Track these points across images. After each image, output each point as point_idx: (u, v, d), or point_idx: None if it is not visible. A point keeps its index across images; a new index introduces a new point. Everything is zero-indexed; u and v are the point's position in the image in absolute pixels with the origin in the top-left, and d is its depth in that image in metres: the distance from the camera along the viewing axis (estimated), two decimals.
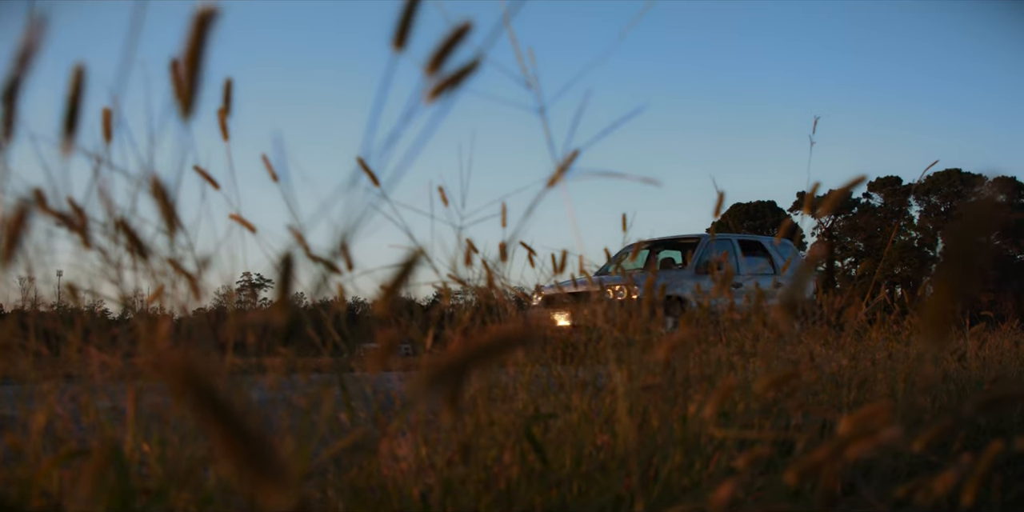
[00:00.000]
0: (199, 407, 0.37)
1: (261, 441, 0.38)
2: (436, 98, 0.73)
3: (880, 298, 3.99)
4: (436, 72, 0.73)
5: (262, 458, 0.38)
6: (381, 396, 1.58)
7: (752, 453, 1.07)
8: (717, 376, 1.79)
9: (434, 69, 0.73)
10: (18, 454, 1.22)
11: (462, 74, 0.73)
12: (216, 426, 0.37)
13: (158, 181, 0.85)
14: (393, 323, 0.97)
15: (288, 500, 0.38)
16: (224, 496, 1.17)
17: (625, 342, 1.83)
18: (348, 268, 1.34)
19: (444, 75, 0.73)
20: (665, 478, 1.51)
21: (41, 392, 1.23)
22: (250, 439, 0.37)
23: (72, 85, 0.78)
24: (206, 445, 1.20)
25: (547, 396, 1.99)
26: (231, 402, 0.37)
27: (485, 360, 0.44)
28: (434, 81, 0.73)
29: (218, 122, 1.38)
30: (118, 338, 1.33)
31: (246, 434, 0.37)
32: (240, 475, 0.38)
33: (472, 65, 0.73)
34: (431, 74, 0.73)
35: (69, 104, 0.78)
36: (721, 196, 1.94)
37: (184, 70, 0.69)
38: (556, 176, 1.09)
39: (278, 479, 0.38)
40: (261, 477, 0.38)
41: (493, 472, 1.46)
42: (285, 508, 0.38)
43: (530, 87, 1.11)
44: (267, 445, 0.38)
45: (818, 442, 1.40)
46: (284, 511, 0.38)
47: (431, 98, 0.73)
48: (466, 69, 0.74)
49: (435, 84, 0.73)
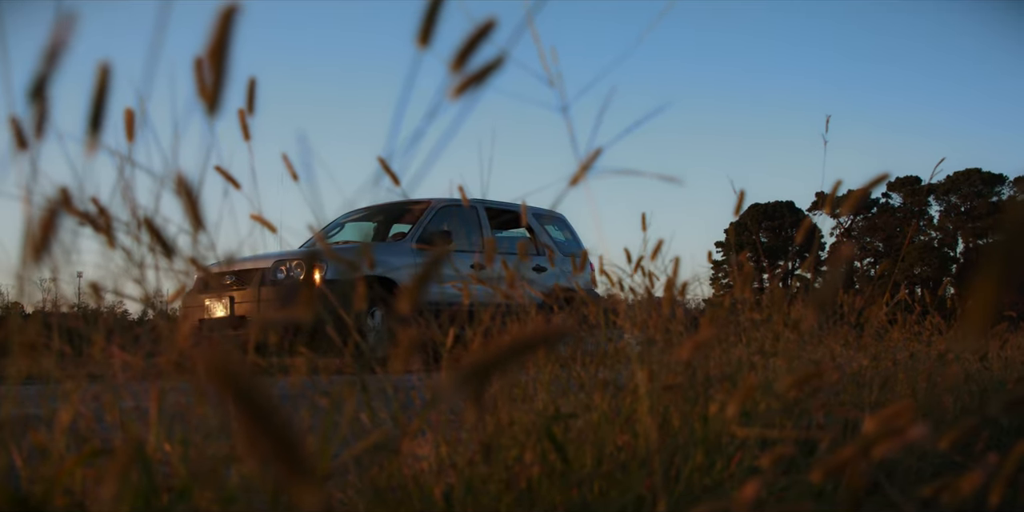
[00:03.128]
0: (233, 403, 0.37)
1: (293, 438, 0.38)
2: (461, 95, 0.73)
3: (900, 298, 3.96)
4: (461, 69, 0.73)
5: (293, 455, 0.37)
6: (402, 396, 1.58)
7: (776, 452, 1.07)
8: (738, 376, 1.77)
9: (459, 66, 0.72)
10: (42, 452, 1.23)
11: (487, 71, 0.73)
12: (250, 422, 0.37)
13: (183, 180, 0.85)
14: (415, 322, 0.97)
15: (316, 497, 0.38)
16: (247, 495, 1.17)
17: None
18: (370, 267, 1.34)
19: (469, 72, 0.73)
20: (687, 478, 1.51)
21: (64, 391, 1.24)
22: (282, 436, 0.37)
23: (97, 83, 0.78)
24: (229, 444, 1.20)
25: (566, 396, 1.98)
26: (265, 398, 0.37)
27: (515, 358, 0.44)
28: (459, 78, 0.72)
29: (239, 122, 1.38)
30: (140, 338, 1.34)
31: (279, 431, 0.37)
32: (271, 472, 0.38)
33: (497, 62, 0.73)
34: (456, 71, 0.73)
35: (94, 102, 0.78)
36: (742, 194, 1.93)
37: (209, 67, 0.69)
38: (579, 174, 1.09)
39: (308, 476, 0.38)
40: (291, 474, 0.38)
41: (514, 472, 1.46)
42: (313, 505, 0.38)
43: (553, 85, 1.10)
44: (298, 442, 0.38)
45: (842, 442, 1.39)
46: (312, 508, 0.38)
47: (456, 95, 0.72)
48: (491, 66, 0.73)
49: (460, 81, 0.72)
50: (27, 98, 0.72)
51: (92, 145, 0.78)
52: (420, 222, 10.16)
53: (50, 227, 0.69)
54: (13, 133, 0.99)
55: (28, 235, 0.68)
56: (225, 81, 0.70)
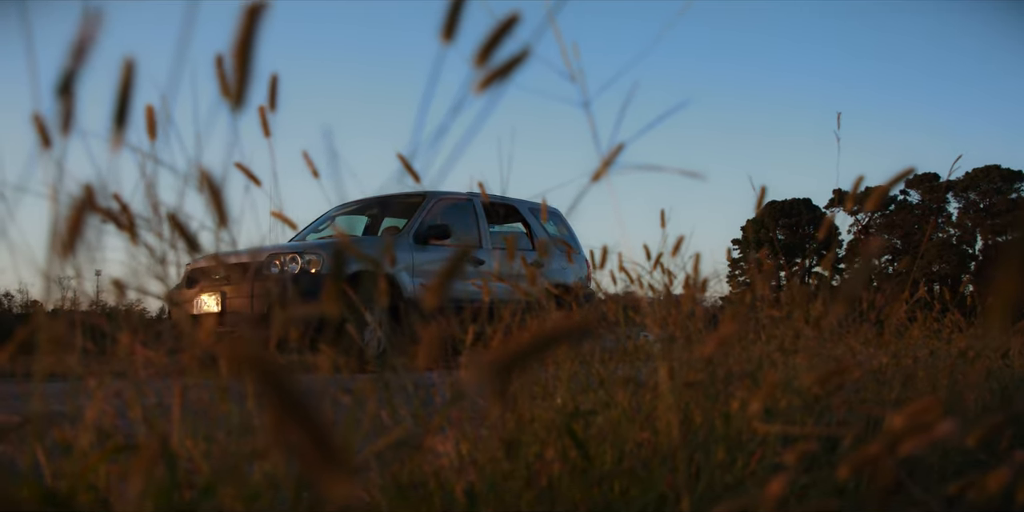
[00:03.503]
0: (267, 396, 0.37)
1: (325, 431, 0.38)
2: (485, 89, 0.72)
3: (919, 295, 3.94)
4: (485, 63, 0.72)
5: (325, 447, 0.37)
6: (423, 393, 1.58)
7: (800, 449, 1.06)
8: (759, 373, 1.77)
9: (483, 60, 0.72)
10: (66, 448, 1.23)
11: (511, 65, 0.73)
12: (283, 415, 0.37)
13: (208, 175, 0.85)
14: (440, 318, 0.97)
15: (348, 489, 0.38)
16: (270, 492, 1.18)
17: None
18: (390, 264, 1.34)
19: (493, 67, 0.73)
20: (708, 475, 1.50)
21: (87, 388, 1.24)
22: (315, 428, 0.37)
23: (122, 80, 0.78)
24: (252, 441, 1.21)
25: (586, 393, 1.98)
26: (299, 391, 0.37)
27: (541, 353, 0.44)
28: (483, 73, 0.72)
29: (259, 119, 1.38)
30: (162, 334, 1.34)
31: (312, 423, 0.37)
32: (302, 464, 0.38)
33: (521, 56, 0.73)
34: (480, 65, 0.72)
35: (119, 99, 0.78)
36: (763, 191, 1.92)
37: (234, 64, 0.69)
38: (601, 170, 1.08)
39: (340, 468, 0.38)
40: (323, 466, 0.38)
41: (535, 469, 1.46)
42: (344, 497, 0.38)
43: (575, 81, 1.10)
44: (331, 435, 0.38)
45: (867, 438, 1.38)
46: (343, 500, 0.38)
47: (480, 89, 0.72)
48: (515, 60, 0.73)
49: (484, 75, 0.72)
50: (55, 94, 0.72)
51: (117, 142, 0.79)
52: (417, 216, 9.86)
53: (78, 224, 0.69)
54: (37, 131, 1.00)
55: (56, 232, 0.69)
56: (250, 78, 0.70)
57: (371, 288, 1.45)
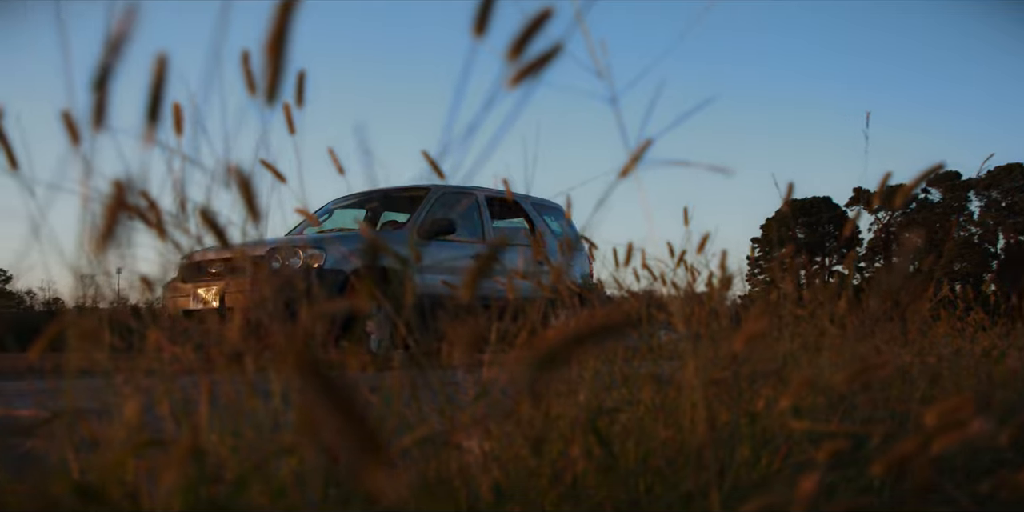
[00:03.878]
0: (311, 388, 0.37)
1: (370, 423, 0.38)
2: (518, 84, 0.72)
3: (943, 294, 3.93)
4: (517, 58, 0.72)
5: (370, 442, 0.37)
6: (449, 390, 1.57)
7: (830, 446, 1.05)
8: (785, 371, 1.76)
9: (516, 55, 0.72)
10: (94, 444, 1.24)
11: (543, 60, 0.73)
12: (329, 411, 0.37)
13: (240, 172, 0.85)
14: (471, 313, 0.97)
15: (391, 481, 0.37)
16: (298, 488, 1.18)
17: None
18: (416, 260, 1.34)
19: (525, 61, 0.72)
20: (733, 473, 1.49)
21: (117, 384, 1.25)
22: (360, 423, 0.37)
23: (155, 75, 0.78)
24: (280, 437, 1.21)
25: (608, 391, 1.97)
26: (342, 384, 0.37)
27: (586, 346, 0.43)
28: (515, 67, 0.72)
29: (284, 116, 1.39)
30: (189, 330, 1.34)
31: (356, 416, 0.37)
32: (347, 456, 0.38)
33: (553, 51, 0.73)
34: (512, 60, 0.72)
35: (151, 94, 0.78)
36: (790, 187, 1.91)
37: (267, 58, 0.69)
38: (629, 165, 1.08)
39: (384, 460, 0.38)
40: (367, 458, 0.38)
41: (559, 466, 1.45)
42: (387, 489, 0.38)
43: (602, 77, 1.10)
44: (374, 427, 0.38)
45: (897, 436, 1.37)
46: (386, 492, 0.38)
47: (513, 84, 0.72)
48: (547, 55, 0.73)
49: (517, 70, 0.72)
50: (89, 89, 0.72)
51: (150, 138, 0.79)
52: (420, 210, 9.57)
53: (113, 221, 0.69)
54: (66, 128, 1.00)
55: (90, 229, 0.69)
56: (283, 73, 0.70)
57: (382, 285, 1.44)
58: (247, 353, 1.19)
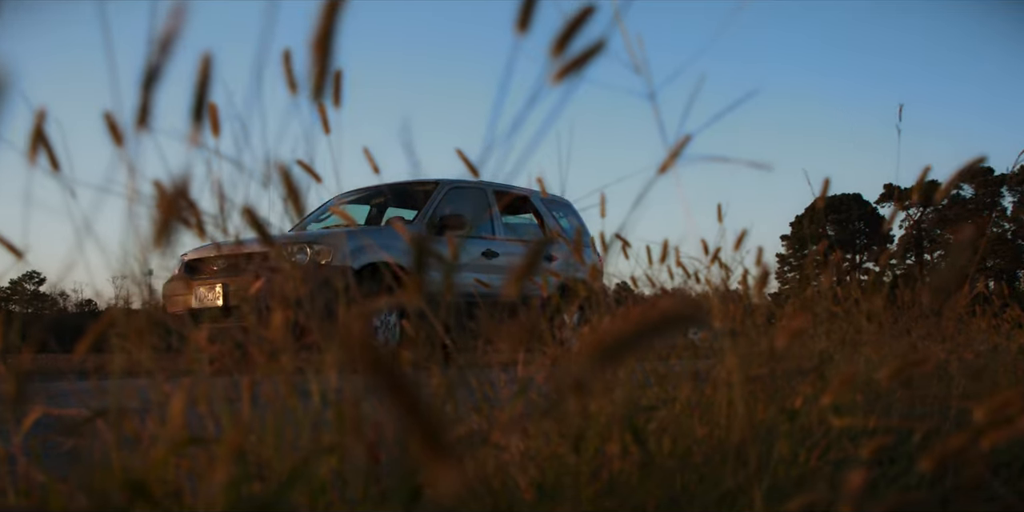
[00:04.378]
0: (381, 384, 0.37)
1: (438, 422, 0.38)
2: (561, 80, 0.72)
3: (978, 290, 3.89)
4: (561, 54, 0.72)
5: (437, 437, 0.37)
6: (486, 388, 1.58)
7: (875, 442, 1.05)
8: (823, 368, 1.75)
9: (559, 51, 0.72)
10: (137, 442, 1.25)
11: (586, 56, 0.72)
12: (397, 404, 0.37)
13: (286, 171, 0.86)
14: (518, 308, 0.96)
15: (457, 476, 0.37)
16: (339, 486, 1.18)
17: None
18: (452, 258, 1.34)
19: (568, 57, 0.72)
20: (772, 470, 1.48)
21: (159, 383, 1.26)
22: (425, 416, 0.37)
23: (200, 74, 0.79)
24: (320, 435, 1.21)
25: (642, 389, 1.97)
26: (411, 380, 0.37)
27: (652, 337, 0.43)
28: (559, 63, 0.72)
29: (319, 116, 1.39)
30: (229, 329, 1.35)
31: (422, 411, 0.37)
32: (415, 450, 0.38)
33: (596, 47, 0.73)
34: (556, 56, 0.72)
35: (196, 94, 0.79)
36: (826, 182, 1.90)
37: (314, 55, 0.69)
38: (668, 161, 1.07)
39: (450, 456, 0.38)
40: (434, 453, 0.38)
41: (598, 463, 1.45)
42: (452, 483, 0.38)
43: (640, 73, 1.09)
44: (441, 423, 0.38)
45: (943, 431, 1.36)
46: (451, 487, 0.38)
47: (556, 80, 0.72)
48: (590, 51, 0.73)
49: (560, 66, 0.72)
50: (139, 87, 0.73)
51: (195, 138, 0.79)
52: (429, 204, 9.29)
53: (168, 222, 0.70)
54: (109, 128, 1.01)
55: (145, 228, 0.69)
56: (329, 71, 0.71)
57: (390, 281, 1.43)
58: (287, 352, 1.20)
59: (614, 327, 0.43)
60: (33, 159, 1.00)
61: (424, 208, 9.29)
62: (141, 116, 0.75)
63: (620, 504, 1.37)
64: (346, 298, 1.25)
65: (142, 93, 0.73)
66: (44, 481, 1.21)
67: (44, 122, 0.96)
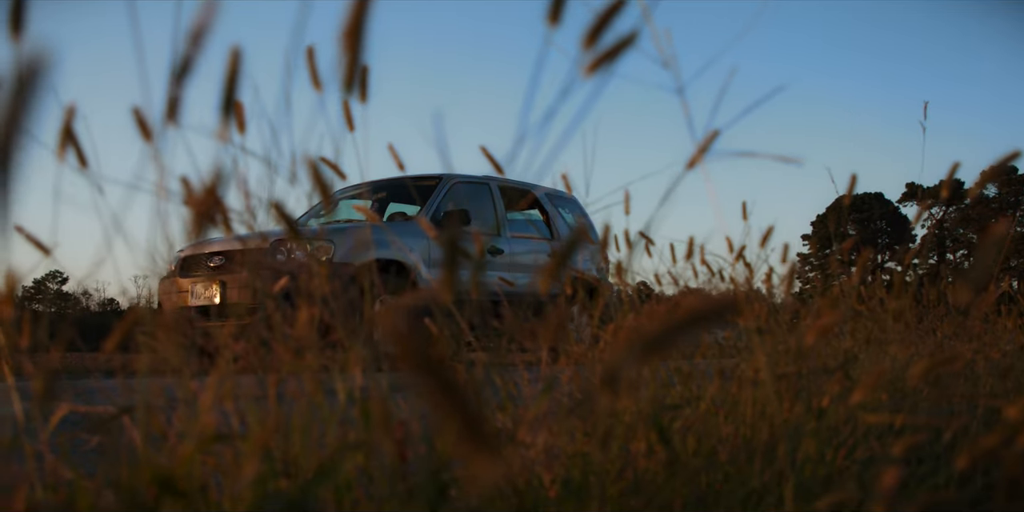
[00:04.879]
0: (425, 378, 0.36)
1: (481, 416, 0.37)
2: (593, 72, 0.72)
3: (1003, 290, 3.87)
4: (593, 46, 0.71)
5: (480, 431, 0.37)
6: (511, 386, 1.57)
7: (907, 440, 1.03)
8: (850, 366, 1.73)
9: (591, 43, 0.71)
10: (163, 439, 1.25)
11: (618, 48, 0.72)
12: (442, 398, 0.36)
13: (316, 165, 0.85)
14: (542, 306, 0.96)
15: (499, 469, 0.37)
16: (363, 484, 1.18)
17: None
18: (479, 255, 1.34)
19: (601, 49, 0.72)
20: (799, 469, 1.47)
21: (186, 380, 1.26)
22: (471, 411, 0.37)
23: (229, 68, 0.78)
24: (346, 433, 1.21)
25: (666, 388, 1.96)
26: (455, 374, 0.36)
27: (692, 329, 0.43)
28: (591, 56, 0.71)
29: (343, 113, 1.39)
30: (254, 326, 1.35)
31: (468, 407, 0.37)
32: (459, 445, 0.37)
33: (628, 39, 0.72)
34: (588, 48, 0.71)
35: (226, 88, 0.79)
36: (853, 178, 1.88)
37: (344, 47, 0.68)
38: (696, 156, 1.06)
39: (492, 449, 0.37)
40: (479, 449, 0.37)
41: (624, 461, 1.44)
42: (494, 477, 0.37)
43: (668, 67, 1.09)
44: (484, 417, 0.37)
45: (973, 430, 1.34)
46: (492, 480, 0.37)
47: (589, 72, 0.71)
48: (622, 43, 0.72)
49: (592, 59, 0.71)
50: (170, 80, 0.72)
51: (225, 130, 0.79)
52: (432, 200, 9.02)
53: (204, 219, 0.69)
54: (137, 124, 1.01)
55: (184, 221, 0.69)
56: (360, 62, 0.70)
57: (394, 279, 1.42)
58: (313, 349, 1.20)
59: (655, 319, 0.43)
60: (62, 156, 1.00)
61: (427, 204, 9.08)
62: (171, 109, 0.75)
63: (646, 503, 1.36)
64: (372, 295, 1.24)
65: (173, 86, 0.72)
66: (71, 477, 1.22)
67: (73, 119, 0.96)
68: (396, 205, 10.26)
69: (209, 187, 0.71)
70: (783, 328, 1.91)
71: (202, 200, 0.70)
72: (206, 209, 0.70)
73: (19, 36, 0.69)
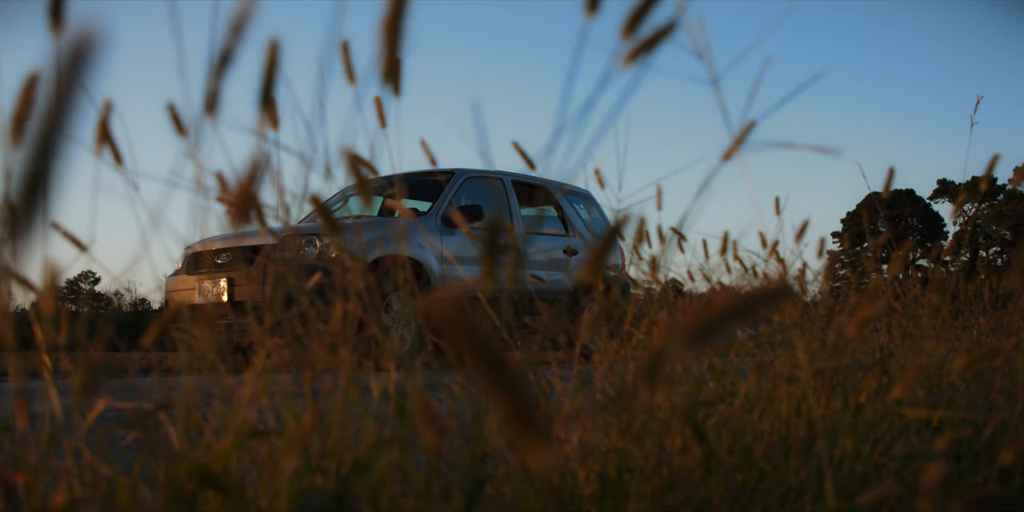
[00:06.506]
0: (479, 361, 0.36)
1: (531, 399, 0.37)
2: (632, 61, 0.71)
3: None
4: (632, 35, 0.71)
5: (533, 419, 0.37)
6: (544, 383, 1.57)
7: (950, 435, 1.02)
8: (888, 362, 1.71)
9: (630, 32, 0.70)
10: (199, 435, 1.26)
11: (657, 37, 0.71)
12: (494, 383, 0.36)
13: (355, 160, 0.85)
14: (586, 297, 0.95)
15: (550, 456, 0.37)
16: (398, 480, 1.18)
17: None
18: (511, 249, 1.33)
19: (640, 38, 0.71)
20: (836, 465, 1.46)
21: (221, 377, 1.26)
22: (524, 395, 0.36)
23: (267, 60, 0.78)
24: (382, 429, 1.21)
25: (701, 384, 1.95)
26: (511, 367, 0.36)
27: (745, 315, 0.42)
28: (630, 45, 0.71)
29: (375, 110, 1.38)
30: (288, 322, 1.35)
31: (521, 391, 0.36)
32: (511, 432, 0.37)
33: (668, 28, 0.71)
34: (627, 37, 0.71)
35: (264, 81, 0.78)
36: (891, 172, 1.86)
37: (384, 38, 0.68)
38: (732, 148, 1.05)
39: (544, 437, 0.37)
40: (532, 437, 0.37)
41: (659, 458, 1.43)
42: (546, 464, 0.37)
43: (702, 58, 1.08)
44: (536, 404, 0.37)
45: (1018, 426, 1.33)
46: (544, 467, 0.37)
47: (628, 61, 0.71)
48: (661, 32, 0.71)
49: (631, 48, 0.71)
50: (212, 71, 0.72)
51: (263, 124, 0.79)
52: (444, 195, 8.82)
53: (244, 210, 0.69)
54: (172, 120, 1.01)
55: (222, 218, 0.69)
56: (400, 53, 0.70)
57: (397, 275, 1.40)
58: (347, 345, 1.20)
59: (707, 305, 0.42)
60: (99, 153, 1.00)
61: (439, 199, 8.88)
62: (210, 103, 0.75)
63: (683, 500, 1.35)
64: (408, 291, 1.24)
65: (213, 78, 0.72)
66: (109, 473, 1.22)
67: (110, 115, 0.96)
68: (407, 201, 10.07)
69: (245, 183, 0.71)
70: (819, 324, 1.89)
71: (238, 196, 0.70)
72: (243, 205, 0.70)
73: (59, 30, 0.70)
